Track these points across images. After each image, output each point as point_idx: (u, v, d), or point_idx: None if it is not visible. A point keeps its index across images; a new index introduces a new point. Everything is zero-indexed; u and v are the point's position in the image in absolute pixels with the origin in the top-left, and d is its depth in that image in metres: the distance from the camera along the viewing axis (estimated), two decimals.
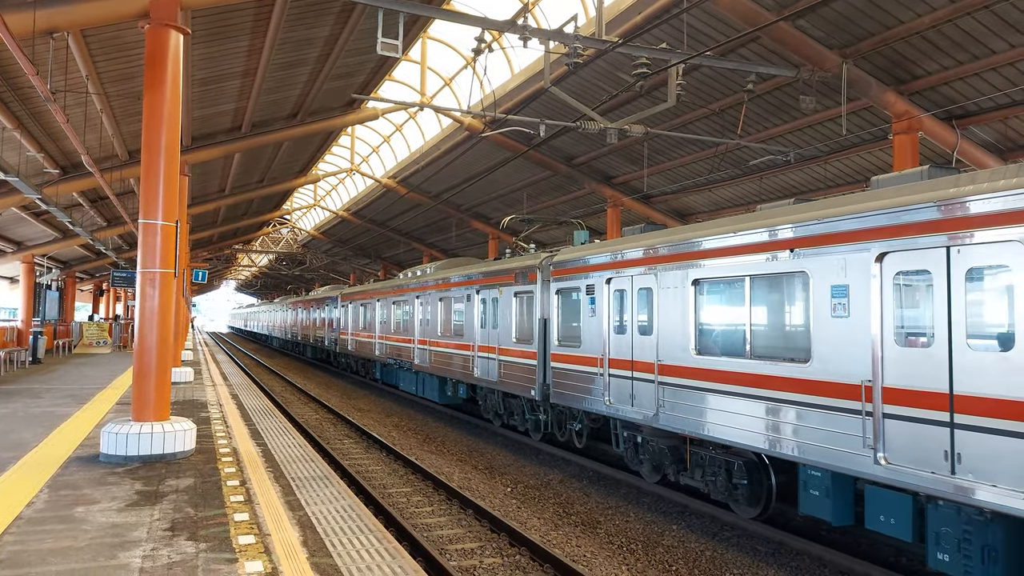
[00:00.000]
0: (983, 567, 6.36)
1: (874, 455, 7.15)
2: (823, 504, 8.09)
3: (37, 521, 6.31)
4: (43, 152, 17.04)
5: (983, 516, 6.40)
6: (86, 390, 16.34)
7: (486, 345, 16.69)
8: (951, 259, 6.61)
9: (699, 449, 10.31)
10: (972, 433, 6.28)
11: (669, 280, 10.43)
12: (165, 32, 9.39)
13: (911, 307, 7.07)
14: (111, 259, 32.46)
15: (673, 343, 10.26)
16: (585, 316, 12.61)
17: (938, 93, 14.32)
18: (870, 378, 7.26)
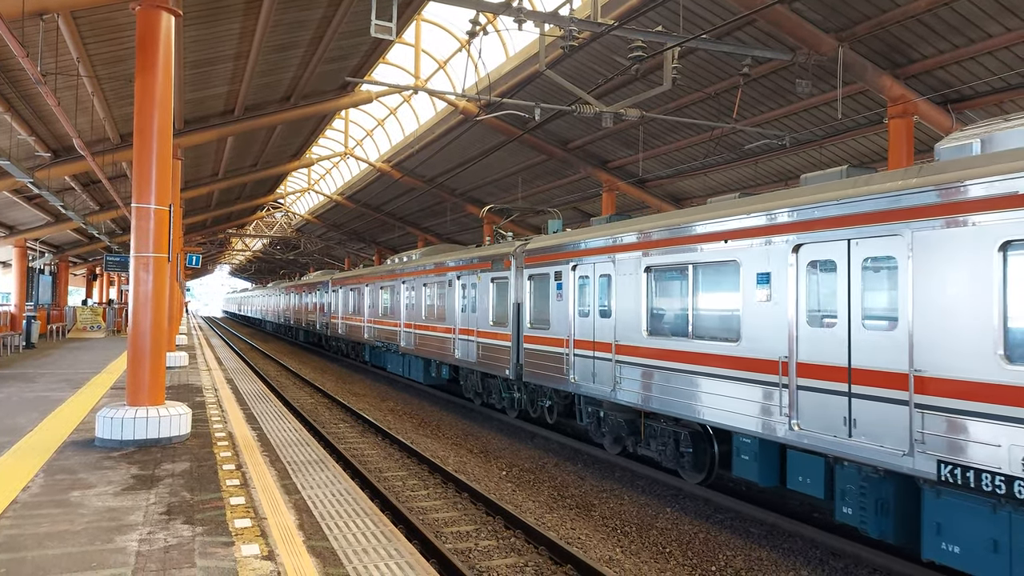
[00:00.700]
0: (876, 518, 7.31)
1: (789, 422, 8.14)
2: (752, 467, 8.98)
3: (33, 505, 6.32)
4: (34, 135, 16.91)
5: (877, 473, 7.31)
6: (80, 375, 16.32)
7: (466, 328, 17.44)
8: (851, 251, 7.55)
9: (652, 422, 11.16)
10: (863, 401, 7.28)
11: (625, 268, 11.28)
12: (156, 14, 9.29)
13: (820, 293, 7.98)
14: (104, 243, 32.33)
15: (628, 325, 11.13)
16: (553, 300, 13.42)
17: (934, 77, 14.30)
18: (787, 355, 8.21)
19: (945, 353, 6.56)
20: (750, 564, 8.13)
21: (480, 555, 8.27)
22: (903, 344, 6.91)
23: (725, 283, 9.35)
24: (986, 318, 6.24)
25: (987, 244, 6.26)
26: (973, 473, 6.22)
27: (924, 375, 6.71)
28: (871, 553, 8.03)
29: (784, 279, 8.29)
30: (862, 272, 7.43)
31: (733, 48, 13.68)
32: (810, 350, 7.94)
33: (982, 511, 6.33)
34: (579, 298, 12.61)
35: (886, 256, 7.18)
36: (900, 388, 6.91)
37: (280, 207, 51.04)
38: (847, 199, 7.58)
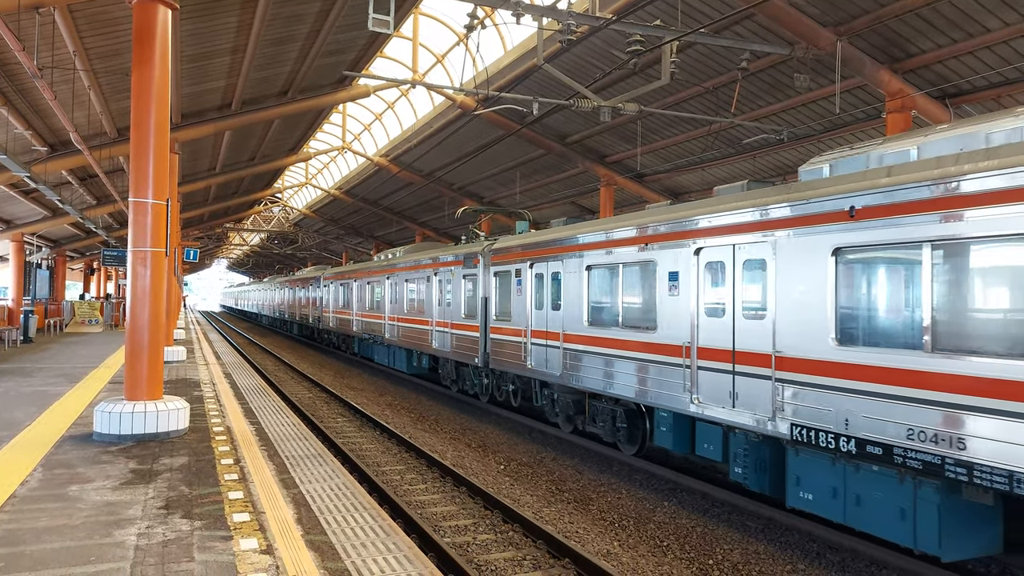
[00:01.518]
0: (756, 475, 8.90)
1: (691, 397, 9.67)
2: (668, 437, 10.55)
3: (32, 500, 6.32)
4: (31, 129, 16.86)
5: (757, 438, 8.82)
6: (78, 369, 16.30)
7: (442, 321, 18.98)
8: (735, 255, 9.01)
9: (595, 401, 12.66)
10: (743, 377, 8.81)
11: (571, 267, 12.82)
12: (153, 7, 9.25)
13: (714, 289, 9.43)
14: (101, 238, 32.28)
15: (573, 316, 12.69)
16: (515, 295, 14.91)
17: (932, 71, 14.29)
18: (690, 340, 9.78)
19: (796, 337, 8.09)
20: (747, 557, 8.16)
21: (479, 549, 8.29)
22: (769, 330, 8.46)
23: (646, 280, 10.94)
24: (823, 309, 7.78)
25: (824, 250, 7.78)
26: (815, 433, 7.77)
27: (782, 355, 8.25)
28: (868, 547, 8.06)
29: (689, 277, 9.85)
30: (743, 272, 8.95)
31: (731, 42, 13.66)
32: (707, 336, 9.50)
33: (824, 464, 7.90)
34: (536, 293, 14.10)
35: (759, 259, 8.69)
36: (766, 366, 8.46)
37: (278, 201, 50.96)
38: (733, 211, 9.07)
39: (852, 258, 7.56)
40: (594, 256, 12.08)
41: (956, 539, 6.72)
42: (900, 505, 7.05)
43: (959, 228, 6.42)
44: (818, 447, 7.70)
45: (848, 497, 7.57)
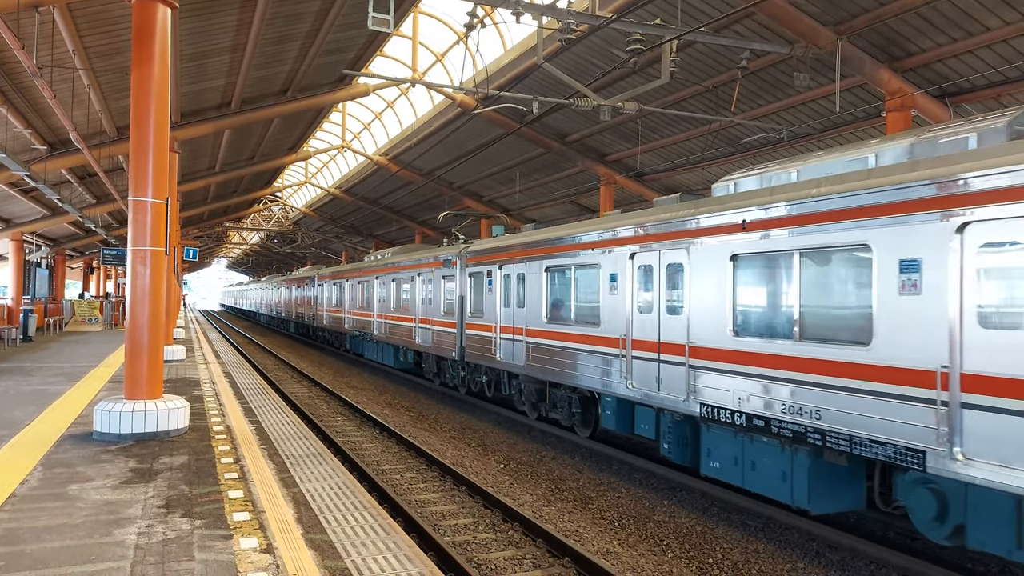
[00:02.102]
0: (679, 449, 10.24)
1: (626, 383, 11.01)
2: (612, 420, 11.79)
3: (32, 499, 6.32)
4: (30, 128, 16.85)
5: (679, 417, 10.19)
6: (78, 368, 16.30)
7: (425, 318, 20.23)
8: (661, 259, 10.39)
9: (554, 390, 13.98)
10: (665, 365, 10.21)
11: (533, 268, 14.06)
12: (153, 6, 9.24)
13: (645, 289, 10.73)
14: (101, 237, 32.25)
15: (535, 313, 13.93)
16: (486, 294, 16.15)
17: (932, 70, 14.29)
18: (625, 333, 11.06)
19: (704, 330, 9.51)
20: (747, 556, 8.16)
21: (478, 548, 8.30)
22: (685, 324, 9.87)
23: (592, 281, 12.18)
24: (723, 306, 9.21)
25: (724, 257, 9.18)
26: (717, 411, 9.18)
27: (694, 345, 9.66)
28: (868, 546, 8.07)
29: (625, 279, 11.11)
30: (666, 275, 10.30)
31: (731, 41, 13.66)
32: (639, 330, 10.87)
33: (727, 437, 9.25)
34: (504, 292, 15.31)
35: (678, 263, 10.03)
36: (682, 355, 9.90)
37: (277, 200, 50.94)
38: (658, 222, 10.40)
39: (745, 263, 8.99)
40: (551, 259, 13.38)
41: (823, 496, 8.07)
42: (781, 468, 8.41)
43: (816, 240, 7.92)
44: (721, 423, 9.14)
45: (745, 464, 8.95)
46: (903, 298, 7.00)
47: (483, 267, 16.32)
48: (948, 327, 6.55)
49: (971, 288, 6.43)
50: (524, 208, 32.67)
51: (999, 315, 6.21)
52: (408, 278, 21.82)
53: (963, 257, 6.48)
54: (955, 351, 6.46)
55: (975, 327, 6.36)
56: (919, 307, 6.85)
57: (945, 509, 6.80)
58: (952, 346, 6.50)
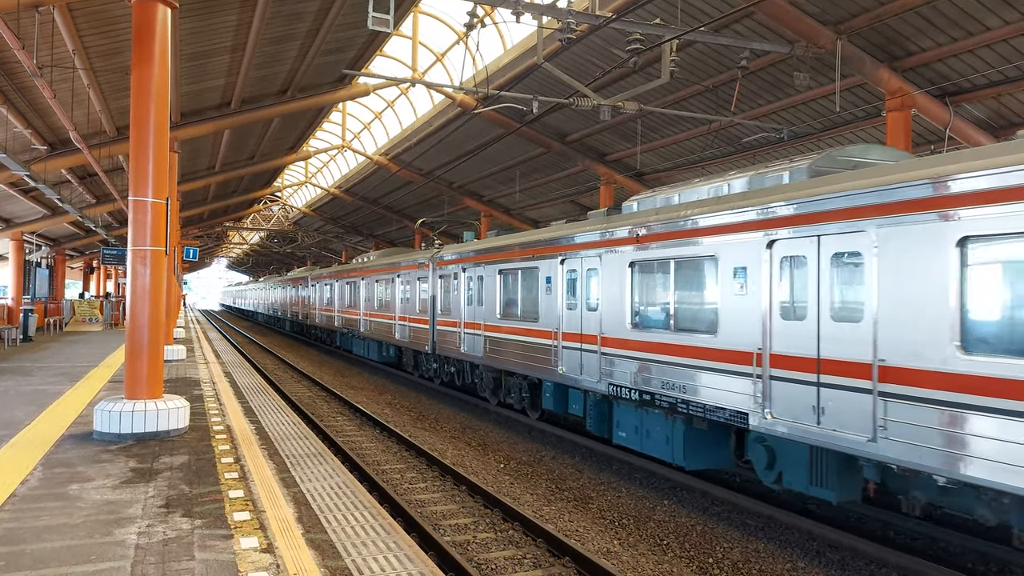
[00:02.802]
0: (598, 423, 12.16)
1: (558, 369, 12.93)
2: (551, 401, 13.65)
3: (32, 499, 6.33)
4: (30, 128, 16.85)
5: (597, 396, 12.08)
6: (78, 368, 16.30)
7: (403, 316, 22.30)
8: (583, 265, 12.31)
9: (508, 377, 15.92)
10: (585, 352, 12.10)
11: (489, 271, 16.05)
12: (152, 6, 9.24)
13: (571, 289, 12.71)
14: (101, 236, 32.23)
15: (491, 310, 15.89)
16: (453, 294, 18.11)
17: (932, 70, 14.28)
18: (558, 327, 12.99)
19: (612, 324, 11.35)
20: (747, 556, 8.16)
21: (478, 547, 8.30)
22: (599, 319, 11.70)
23: (533, 282, 14.04)
24: (624, 303, 11.07)
25: (625, 263, 11.11)
26: (621, 389, 11.03)
27: (605, 336, 11.52)
28: (868, 545, 8.07)
29: (557, 280, 13.06)
30: (586, 277, 12.20)
31: (731, 41, 13.66)
32: (567, 324, 12.72)
33: (630, 411, 11.15)
34: (467, 292, 17.27)
35: (594, 268, 11.97)
36: (595, 344, 11.79)
37: (277, 200, 50.93)
38: (580, 232, 12.41)
39: (639, 269, 10.90)
40: (503, 264, 15.36)
41: (695, 455, 9.95)
42: (665, 434, 10.30)
43: (684, 251, 9.86)
44: (624, 399, 10.99)
45: (642, 433, 10.85)
46: (736, 297, 8.89)
47: (450, 270, 18.38)
48: (762, 319, 8.46)
49: (776, 290, 8.34)
50: (524, 208, 32.66)
51: (791, 310, 8.16)
52: (389, 280, 23.88)
53: (771, 267, 8.39)
54: (766, 337, 8.40)
55: (778, 319, 8.28)
56: (745, 305, 8.74)
57: (772, 459, 8.77)
58: (764, 333, 8.43)
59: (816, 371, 7.74)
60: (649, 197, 11.39)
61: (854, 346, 7.33)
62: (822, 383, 7.68)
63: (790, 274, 8.22)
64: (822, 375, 7.68)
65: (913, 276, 6.84)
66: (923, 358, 6.66)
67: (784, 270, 8.26)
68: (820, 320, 7.77)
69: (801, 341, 7.95)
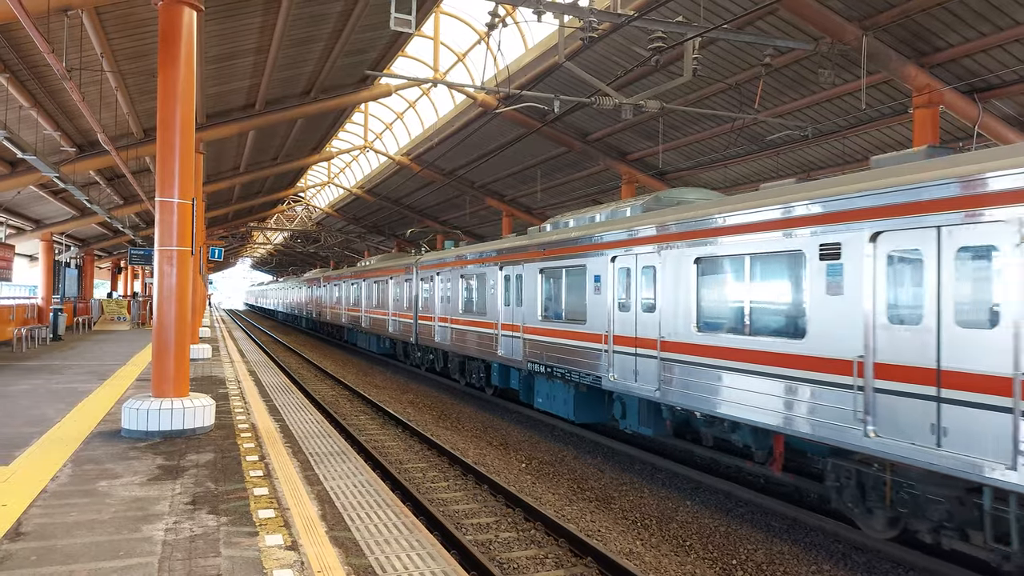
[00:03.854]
0: (526, 392, 15.82)
1: (497, 351, 16.49)
2: (498, 378, 17.24)
3: (62, 495, 6.44)
4: (60, 131, 17.13)
5: (525, 372, 15.60)
6: (106, 366, 16.56)
7: (394, 312, 26.05)
8: (513, 272, 15.83)
9: (469, 362, 19.53)
10: (514, 339, 15.62)
11: (453, 276, 19.72)
12: (179, 9, 9.37)
13: (507, 290, 16.18)
14: (128, 237, 32.70)
15: (456, 307, 19.41)
16: (430, 293, 21.65)
17: (960, 66, 14.06)
18: (497, 319, 16.55)
19: (528, 317, 14.95)
20: (771, 558, 8.10)
21: (500, 547, 8.31)
22: (523, 313, 15.24)
23: (483, 285, 17.59)
24: (536, 301, 14.62)
25: (537, 270, 14.65)
26: (536, 365, 14.49)
27: (527, 325, 15.06)
28: (894, 548, 7.97)
29: (498, 284, 16.55)
30: (515, 281, 15.70)
31: (754, 38, 13.54)
32: (505, 317, 16.18)
33: (544, 382, 14.62)
34: (440, 292, 20.77)
35: (519, 274, 15.53)
36: (518, 332, 15.44)
37: (300, 200, 51.34)
38: (509, 246, 16.05)
39: (548, 274, 14.38)
40: (462, 270, 19.00)
41: (582, 412, 13.43)
42: (564, 397, 13.80)
43: (569, 262, 13.35)
44: (538, 373, 14.57)
45: (551, 397, 14.37)
46: (595, 296, 12.48)
47: (428, 273, 21.93)
48: (607, 312, 12.11)
49: (617, 290, 11.93)
50: (545, 207, 32.63)
51: (629, 303, 11.56)
52: (384, 280, 27.58)
53: (615, 274, 11.96)
54: (611, 323, 12.01)
55: (617, 311, 11.87)
56: (600, 300, 12.33)
57: (624, 412, 12.25)
58: (610, 320, 12.04)
59: (634, 346, 11.41)
60: (576, 216, 14.15)
61: (653, 329, 10.90)
62: (639, 354, 11.23)
63: (622, 278, 11.95)
64: (639, 348, 11.27)
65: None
66: (678, 335, 10.33)
67: (618, 276, 12.03)
68: (638, 312, 11.38)
69: (626, 326, 11.67)
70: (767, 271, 8.88)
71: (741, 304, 9.22)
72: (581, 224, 13.59)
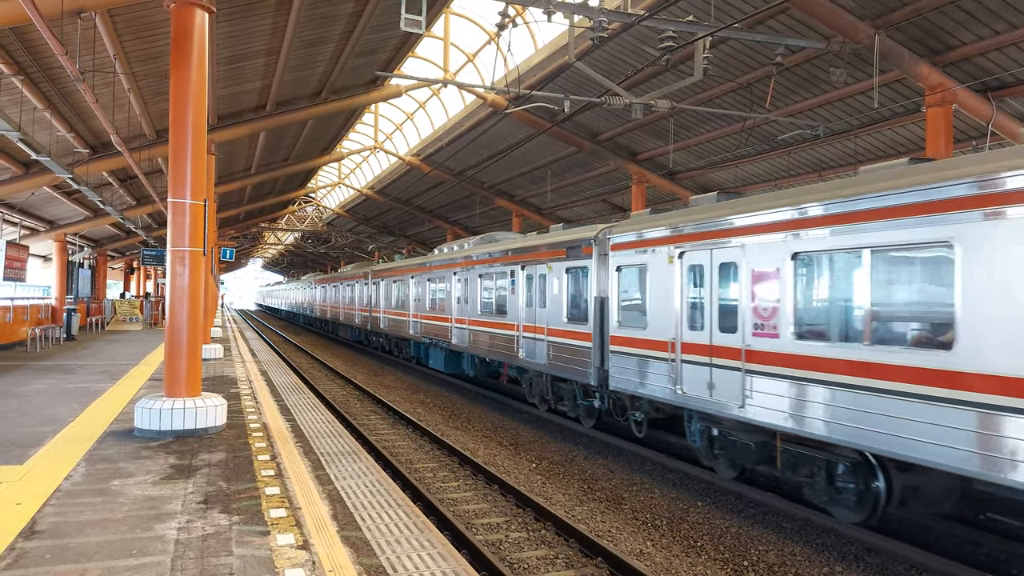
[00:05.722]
0: (435, 362, 22.64)
1: (456, 342, 20.32)
2: (469, 366, 20.83)
3: (75, 494, 6.49)
4: (73, 132, 17.26)
5: (442, 350, 21.83)
6: (119, 366, 16.68)
7: (361, 308, 32.92)
8: (468, 276, 19.55)
9: (431, 348, 22.98)
10: (460, 329, 20.01)
11: (419, 281, 24.35)
12: (191, 11, 9.42)
13: (460, 292, 20.12)
14: (141, 237, 32.91)
15: (424, 306, 23.63)
16: (378, 295, 29.32)
17: (973, 64, 13.96)
18: (454, 316, 20.59)
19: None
20: (783, 559, 8.06)
21: (511, 547, 8.31)
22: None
23: (443, 288, 21.50)
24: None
25: (476, 275, 18.96)
26: (442, 341, 21.44)
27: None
28: (908, 550, 7.91)
29: (453, 287, 20.48)
30: (467, 283, 19.42)
31: (766, 37, 13.49)
32: (459, 312, 20.02)
33: (439, 352, 22.07)
34: (414, 294, 24.98)
35: (468, 279, 19.40)
36: (466, 324, 19.27)
37: (311, 201, 51.53)
38: (443, 260, 21.64)
39: (465, 278, 19.15)
40: (428, 274, 23.29)
41: (451, 367, 21.00)
42: (445, 358, 21.40)
43: (436, 274, 21.27)
44: (439, 348, 21.09)
45: (444, 361, 21.47)
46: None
47: (377, 279, 30.23)
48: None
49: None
50: (556, 208, 32.62)
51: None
52: (352, 285, 35.44)
53: (476, 280, 17.94)
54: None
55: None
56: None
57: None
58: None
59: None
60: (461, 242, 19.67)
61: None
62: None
63: (504, 284, 17.21)
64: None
65: None
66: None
67: (483, 283, 18.11)
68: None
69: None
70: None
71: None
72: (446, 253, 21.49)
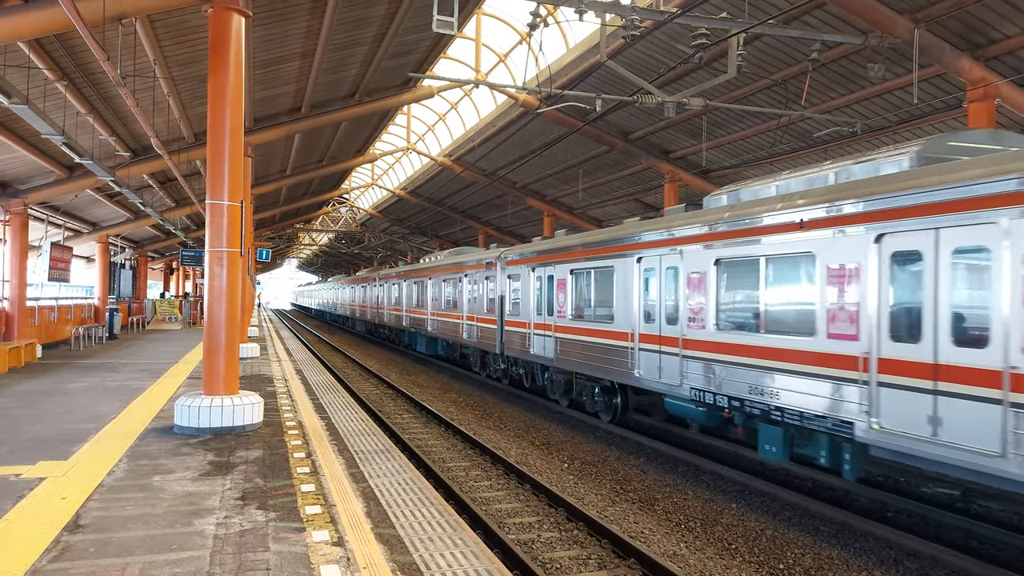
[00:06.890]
0: (420, 346, 29.70)
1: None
2: (437, 347, 27.56)
3: (118, 489, 6.65)
4: (114, 136, 17.65)
5: (424, 337, 28.65)
6: (159, 365, 17.03)
7: (389, 306, 35.73)
8: (430, 283, 27.54)
9: (418, 337, 28.70)
10: (454, 323, 24.52)
11: (409, 284, 30.01)
12: (228, 15, 9.58)
13: (446, 294, 25.49)
14: (180, 239, 33.56)
15: (414, 303, 28.85)
16: (398, 294, 32.34)
17: (1017, 58, 13.59)
18: (463, 313, 23.42)
19: (444, 307, 25.27)
20: (820, 563, 7.94)
21: (543, 546, 8.31)
22: (437, 306, 26.03)
23: (422, 289, 27.26)
24: (447, 296, 25.03)
25: (441, 280, 25.90)
26: (423, 329, 28.30)
27: (436, 312, 26.21)
28: (949, 554, 7.75)
29: (426, 287, 27.19)
30: (439, 286, 25.88)
31: (801, 33, 13.29)
32: (432, 307, 26.31)
33: (423, 338, 29.02)
34: (406, 295, 30.09)
35: (438, 283, 26.17)
36: (437, 316, 26.13)
37: (345, 202, 52.06)
38: (432, 265, 27.80)
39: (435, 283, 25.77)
40: (408, 280, 28.16)
41: (432, 351, 28.33)
42: (427, 342, 28.32)
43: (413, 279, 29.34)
44: (422, 335, 28.61)
45: (430, 346, 28.24)
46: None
47: (386, 282, 35.67)
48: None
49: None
50: (588, 207, 32.52)
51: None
52: (376, 286, 39.71)
53: (440, 284, 24.94)
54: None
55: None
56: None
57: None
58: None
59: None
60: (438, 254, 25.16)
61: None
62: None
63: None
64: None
65: None
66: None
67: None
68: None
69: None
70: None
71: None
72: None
